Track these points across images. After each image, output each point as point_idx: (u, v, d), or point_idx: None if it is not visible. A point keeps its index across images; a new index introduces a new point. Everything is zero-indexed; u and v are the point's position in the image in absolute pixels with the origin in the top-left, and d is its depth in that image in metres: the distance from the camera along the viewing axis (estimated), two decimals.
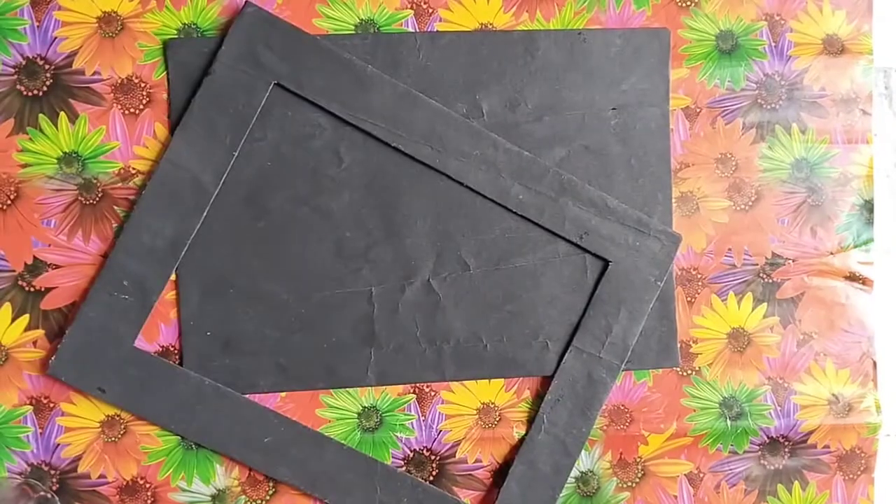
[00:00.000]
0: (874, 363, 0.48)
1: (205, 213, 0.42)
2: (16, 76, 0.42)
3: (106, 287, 0.42)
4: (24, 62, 0.42)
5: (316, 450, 0.43)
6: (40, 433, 0.43)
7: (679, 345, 0.47)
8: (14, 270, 0.42)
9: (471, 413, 0.46)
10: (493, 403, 0.46)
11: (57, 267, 0.43)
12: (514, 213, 0.44)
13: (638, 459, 0.47)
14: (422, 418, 0.46)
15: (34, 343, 0.43)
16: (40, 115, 0.42)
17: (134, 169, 0.43)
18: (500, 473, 0.46)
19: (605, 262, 0.45)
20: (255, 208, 0.43)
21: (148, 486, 0.44)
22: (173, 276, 0.43)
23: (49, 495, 0.43)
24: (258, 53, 0.42)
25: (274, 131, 0.43)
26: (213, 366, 0.43)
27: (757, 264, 0.48)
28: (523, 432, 0.46)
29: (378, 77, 0.43)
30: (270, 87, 0.42)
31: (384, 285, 0.44)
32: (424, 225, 0.45)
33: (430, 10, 0.45)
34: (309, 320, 0.44)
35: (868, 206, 0.48)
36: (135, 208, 0.42)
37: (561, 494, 0.45)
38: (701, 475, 0.47)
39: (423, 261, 0.45)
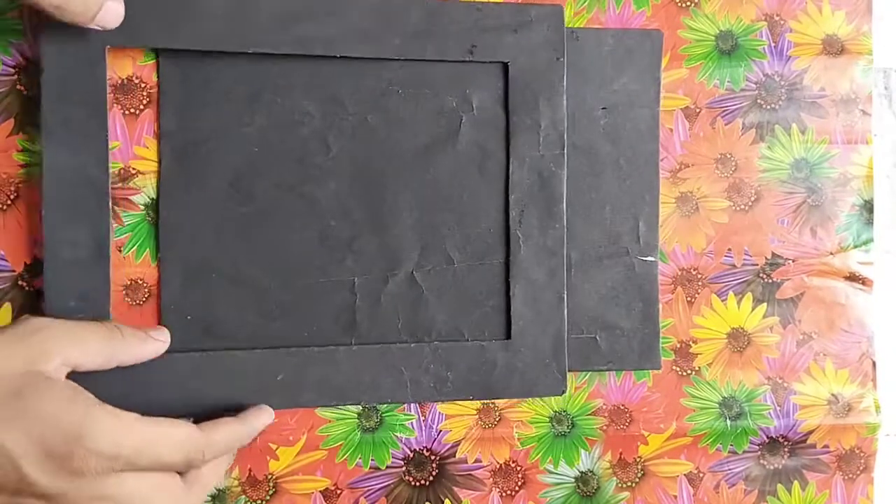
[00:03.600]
0: (874, 363, 0.48)
1: (110, 203, 0.41)
2: (16, 76, 0.42)
3: (57, 316, 0.40)
4: (24, 62, 0.42)
5: (326, 362, 0.43)
6: None
7: (662, 347, 0.47)
8: (14, 270, 0.42)
9: (470, 413, 0.46)
10: (492, 403, 0.46)
11: None
12: (395, 59, 0.44)
13: (638, 459, 0.47)
14: (422, 418, 0.46)
15: None
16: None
17: (134, 169, 0.43)
18: (501, 473, 0.46)
19: (504, 65, 0.45)
20: (240, 194, 0.43)
21: None
22: (154, 263, 0.43)
23: None
24: (78, 26, 0.39)
25: (261, 117, 0.43)
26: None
27: (757, 264, 0.48)
28: (523, 432, 0.46)
29: None
30: (106, 52, 0.40)
31: (367, 276, 0.44)
32: (410, 217, 0.45)
33: None
34: (290, 308, 0.44)
35: (868, 207, 0.48)
36: (43, 229, 0.40)
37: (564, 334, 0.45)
38: (701, 475, 0.47)
39: (408, 253, 0.45)
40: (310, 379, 0.43)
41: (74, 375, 0.36)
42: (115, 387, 0.39)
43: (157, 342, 0.40)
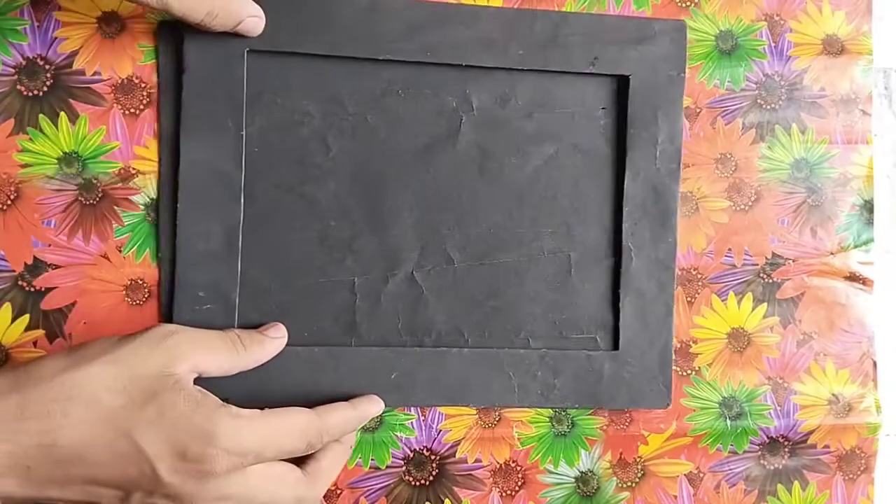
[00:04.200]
0: (874, 363, 0.48)
1: (242, 198, 0.43)
2: (16, 76, 0.42)
3: (185, 306, 0.42)
4: (24, 62, 0.42)
5: (438, 364, 0.44)
6: None
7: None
8: (14, 270, 0.42)
9: (470, 413, 0.46)
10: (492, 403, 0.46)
11: (57, 267, 0.43)
12: (517, 69, 0.45)
13: (638, 459, 0.47)
14: (421, 418, 0.46)
15: (34, 343, 0.43)
16: (40, 116, 0.42)
17: (134, 169, 0.43)
18: (501, 473, 0.46)
19: (625, 79, 0.45)
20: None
21: None
22: (154, 263, 0.43)
23: None
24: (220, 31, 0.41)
25: (262, 118, 0.43)
26: None
27: (757, 264, 0.48)
28: (523, 432, 0.46)
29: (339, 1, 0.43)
30: (245, 56, 0.42)
31: (367, 276, 0.44)
32: (410, 217, 0.45)
33: None
34: (291, 308, 0.44)
35: (868, 206, 0.48)
36: (177, 223, 0.42)
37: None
38: (701, 475, 0.47)
39: (408, 253, 0.45)
40: (422, 379, 0.44)
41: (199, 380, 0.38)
42: (233, 382, 0.40)
43: (275, 341, 0.42)
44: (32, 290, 0.42)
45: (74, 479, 0.34)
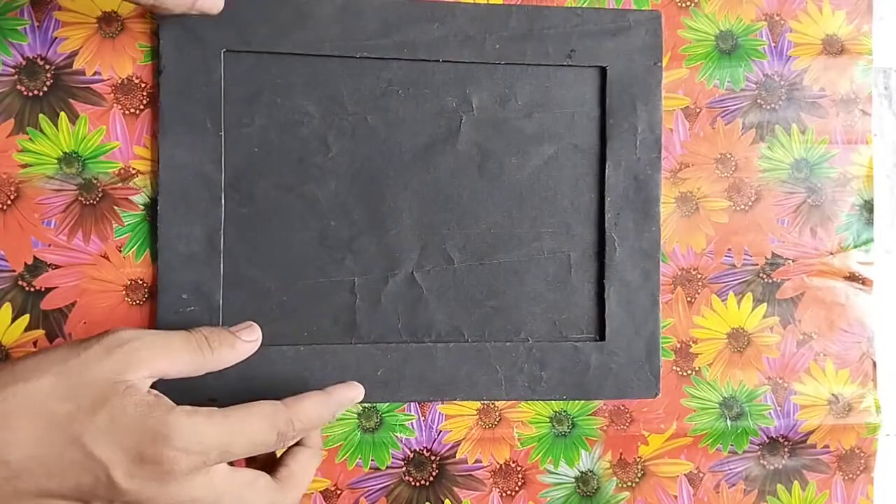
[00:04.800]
0: (874, 363, 0.48)
1: (223, 199, 0.43)
2: (16, 76, 0.42)
3: (168, 309, 0.42)
4: (24, 62, 0.42)
5: (425, 359, 0.44)
6: None
7: (662, 347, 0.47)
8: (14, 270, 0.42)
9: (471, 413, 0.46)
10: (492, 403, 0.46)
11: (57, 267, 0.43)
12: (495, 63, 0.45)
13: (638, 459, 0.47)
14: (422, 418, 0.46)
15: (34, 343, 0.43)
16: (40, 116, 0.42)
17: (134, 169, 0.43)
18: (501, 473, 0.46)
19: (602, 69, 0.46)
20: (239, 194, 0.43)
21: None
22: (154, 263, 0.43)
23: None
24: (197, 31, 0.42)
25: (262, 117, 0.43)
26: None
27: (757, 264, 0.48)
28: (523, 432, 0.46)
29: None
30: (223, 56, 0.42)
31: (367, 276, 0.44)
32: (410, 217, 0.45)
33: None
34: (291, 308, 0.44)
35: (868, 207, 0.48)
36: (158, 225, 0.42)
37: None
38: (701, 475, 0.47)
39: (408, 253, 0.45)
40: (408, 375, 0.44)
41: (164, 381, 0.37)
42: (218, 382, 0.40)
43: (246, 344, 0.40)
44: (32, 290, 0.42)
45: (25, 494, 0.33)
